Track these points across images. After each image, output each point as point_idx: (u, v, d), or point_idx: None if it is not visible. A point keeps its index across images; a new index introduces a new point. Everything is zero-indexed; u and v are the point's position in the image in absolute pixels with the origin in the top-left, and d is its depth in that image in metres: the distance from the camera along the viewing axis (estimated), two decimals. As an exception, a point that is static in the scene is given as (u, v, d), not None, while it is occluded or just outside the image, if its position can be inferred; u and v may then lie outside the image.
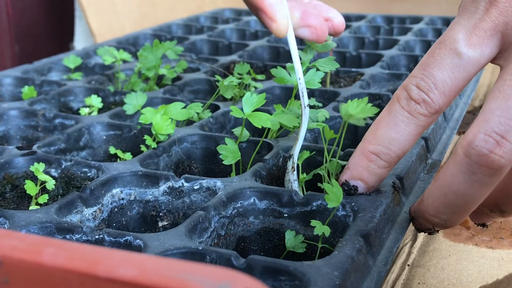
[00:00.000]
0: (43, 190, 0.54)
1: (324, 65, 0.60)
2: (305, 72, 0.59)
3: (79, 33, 1.32)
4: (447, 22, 1.23)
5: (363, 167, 0.48)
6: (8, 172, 0.58)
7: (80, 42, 1.31)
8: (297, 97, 0.64)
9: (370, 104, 0.51)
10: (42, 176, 0.52)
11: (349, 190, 0.49)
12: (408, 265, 0.58)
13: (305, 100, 0.54)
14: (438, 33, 1.15)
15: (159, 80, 0.85)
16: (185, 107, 0.66)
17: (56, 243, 0.26)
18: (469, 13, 0.45)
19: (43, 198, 0.53)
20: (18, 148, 0.61)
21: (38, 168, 0.53)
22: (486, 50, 0.44)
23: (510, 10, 0.44)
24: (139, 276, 0.24)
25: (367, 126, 0.66)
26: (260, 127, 0.55)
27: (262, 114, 0.55)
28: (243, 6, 1.65)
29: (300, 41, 1.13)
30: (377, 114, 0.50)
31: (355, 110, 0.51)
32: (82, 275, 0.25)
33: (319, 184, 0.54)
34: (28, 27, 1.37)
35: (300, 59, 0.61)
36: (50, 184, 0.53)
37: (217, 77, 0.75)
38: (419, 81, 0.45)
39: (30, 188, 0.52)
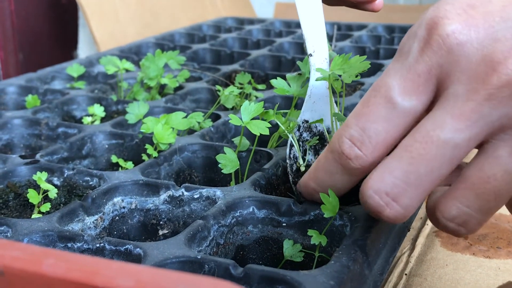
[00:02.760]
0: (46, 198, 0.55)
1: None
2: (304, 83, 0.60)
3: (83, 41, 1.33)
4: (448, 31, 1.23)
5: (308, 193, 0.49)
6: (11, 180, 0.59)
7: (83, 50, 1.33)
8: (297, 107, 0.65)
9: (360, 58, 0.52)
10: (44, 185, 0.53)
11: (299, 199, 0.51)
12: (406, 274, 0.59)
13: (309, 47, 0.56)
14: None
15: (161, 89, 0.86)
16: (186, 117, 0.67)
17: (56, 254, 0.27)
18: (403, 54, 0.42)
19: (46, 207, 0.53)
20: (21, 156, 0.62)
21: (41, 177, 0.53)
22: (423, 98, 0.41)
23: (444, 49, 0.40)
24: (136, 287, 0.25)
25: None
26: (259, 135, 0.56)
27: (260, 122, 0.56)
28: (246, 15, 1.66)
29: (301, 51, 1.13)
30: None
31: (340, 66, 0.52)
32: (81, 285, 0.26)
33: None
34: (32, 35, 1.38)
35: (300, 69, 0.62)
36: (53, 193, 0.54)
37: (218, 87, 0.76)
38: (352, 132, 0.42)
39: (33, 196, 0.52)
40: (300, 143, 0.56)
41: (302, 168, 0.54)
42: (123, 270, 0.26)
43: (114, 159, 0.66)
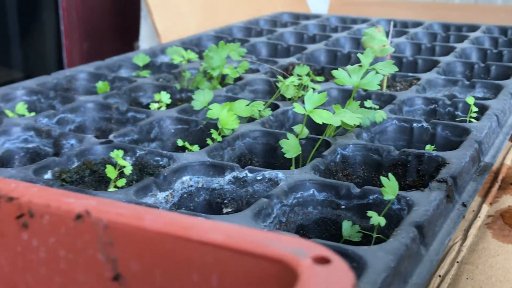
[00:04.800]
0: (121, 174, 0.59)
1: (383, 68, 0.64)
2: (364, 74, 0.63)
3: (144, 33, 1.38)
4: (504, 31, 1.23)
5: None
6: (87, 158, 0.64)
7: (144, 41, 1.38)
8: (355, 98, 0.67)
9: None
10: (121, 162, 0.58)
11: None
12: (458, 262, 0.61)
13: None
14: (495, 41, 1.16)
15: (222, 79, 0.90)
16: (248, 105, 0.70)
17: (155, 212, 0.31)
18: None
19: (121, 182, 0.58)
20: (95, 137, 0.67)
21: (118, 154, 0.58)
22: None
23: None
24: (226, 240, 0.29)
25: (423, 128, 0.69)
26: (321, 123, 0.58)
27: (323, 111, 0.59)
28: (301, 10, 1.68)
29: (357, 46, 1.15)
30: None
31: None
32: (177, 238, 0.30)
33: None
34: (96, 26, 1.44)
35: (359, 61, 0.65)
36: (128, 169, 0.58)
37: (279, 78, 0.79)
38: None
39: (110, 171, 0.57)
40: None
41: None
42: (215, 226, 0.29)
43: (180, 142, 0.70)
